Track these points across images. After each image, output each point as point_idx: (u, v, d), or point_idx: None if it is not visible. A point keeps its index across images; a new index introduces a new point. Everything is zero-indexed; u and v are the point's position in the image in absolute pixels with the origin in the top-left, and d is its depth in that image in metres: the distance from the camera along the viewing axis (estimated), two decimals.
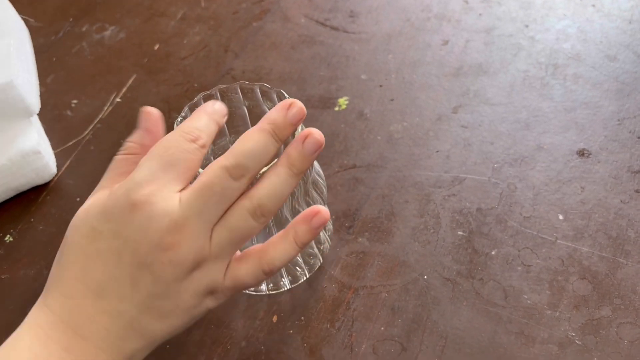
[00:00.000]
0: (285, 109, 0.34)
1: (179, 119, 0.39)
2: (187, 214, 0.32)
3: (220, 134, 0.43)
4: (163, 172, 0.32)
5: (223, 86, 0.41)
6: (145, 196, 0.32)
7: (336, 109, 0.57)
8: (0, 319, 0.46)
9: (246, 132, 0.34)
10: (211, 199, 0.32)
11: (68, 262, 0.33)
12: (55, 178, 0.55)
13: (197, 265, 0.33)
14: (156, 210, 0.32)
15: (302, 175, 0.35)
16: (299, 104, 0.34)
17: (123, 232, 0.32)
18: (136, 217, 0.32)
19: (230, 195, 0.33)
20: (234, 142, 0.41)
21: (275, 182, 0.34)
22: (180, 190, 0.33)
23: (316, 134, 0.34)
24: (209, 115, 0.36)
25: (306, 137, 0.34)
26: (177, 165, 0.33)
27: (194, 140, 0.33)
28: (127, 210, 0.32)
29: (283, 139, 0.34)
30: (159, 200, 0.32)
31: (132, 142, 0.38)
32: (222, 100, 0.42)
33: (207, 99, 0.40)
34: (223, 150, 0.44)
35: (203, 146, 0.34)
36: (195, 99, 0.40)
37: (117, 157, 0.37)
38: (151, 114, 0.38)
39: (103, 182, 0.37)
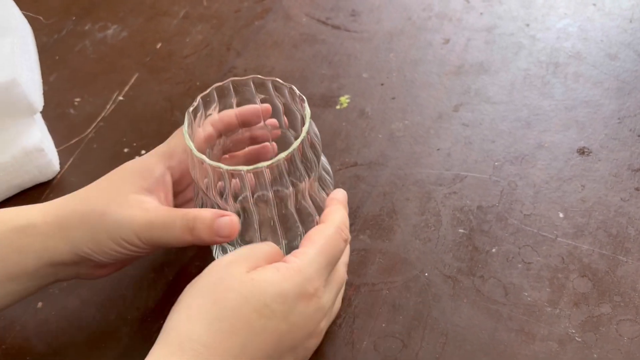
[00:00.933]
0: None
1: (191, 109, 0.40)
2: (329, 305, 0.38)
3: (233, 127, 0.43)
4: (326, 269, 0.37)
5: (236, 79, 0.41)
6: (316, 289, 0.36)
7: (338, 107, 0.57)
8: (3, 315, 0.46)
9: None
10: (340, 286, 0.40)
11: (227, 329, 0.33)
12: (58, 176, 0.55)
13: None
14: (320, 304, 0.36)
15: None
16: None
17: (292, 318, 0.35)
18: (307, 307, 0.36)
19: None
20: (244, 134, 0.44)
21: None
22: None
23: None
24: (345, 206, 0.41)
25: None
26: (334, 264, 0.38)
27: (346, 240, 0.38)
28: (301, 299, 0.35)
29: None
30: (323, 295, 0.37)
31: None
32: (235, 92, 0.42)
33: (204, 100, 0.41)
34: (235, 142, 0.45)
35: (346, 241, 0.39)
36: (195, 103, 0.40)
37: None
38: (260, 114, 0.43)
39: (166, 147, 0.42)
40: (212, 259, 0.43)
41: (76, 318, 0.46)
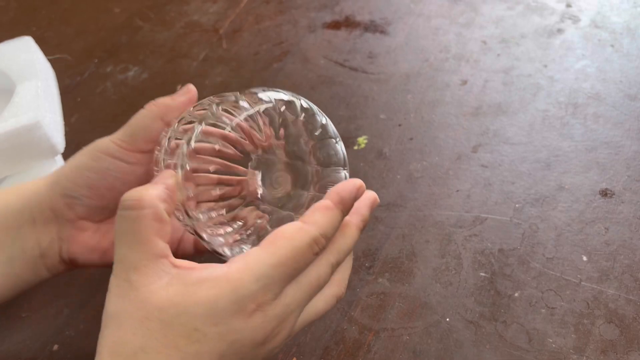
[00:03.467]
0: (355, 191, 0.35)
1: (168, 135, 0.38)
2: (292, 309, 0.32)
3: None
4: (279, 284, 0.31)
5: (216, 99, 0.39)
6: (258, 305, 0.31)
7: (355, 147, 0.57)
8: (19, 357, 0.46)
9: (345, 233, 0.35)
10: (314, 291, 0.33)
11: (154, 357, 0.29)
12: None
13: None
14: (269, 316, 0.31)
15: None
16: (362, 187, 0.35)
17: (231, 336, 0.30)
18: (248, 322, 0.31)
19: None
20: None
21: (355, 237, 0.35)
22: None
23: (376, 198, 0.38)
24: (344, 208, 0.34)
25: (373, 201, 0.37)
26: (294, 276, 0.32)
27: (317, 253, 0.32)
28: (238, 316, 0.30)
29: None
30: (272, 307, 0.31)
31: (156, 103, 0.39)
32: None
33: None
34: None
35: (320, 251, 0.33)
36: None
37: (142, 112, 0.39)
38: (190, 91, 0.40)
39: (117, 136, 0.39)
40: None
41: None
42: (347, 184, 0.34)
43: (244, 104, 0.35)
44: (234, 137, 0.35)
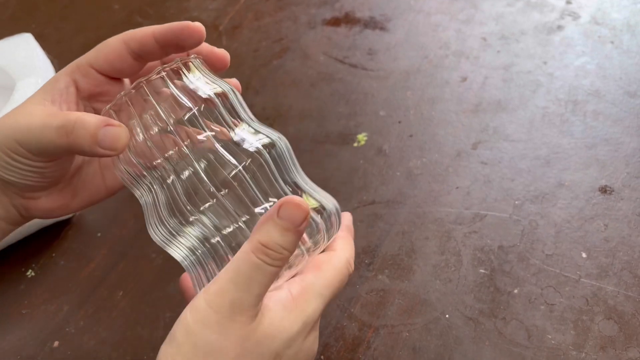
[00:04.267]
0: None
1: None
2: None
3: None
4: (327, 302, 0.36)
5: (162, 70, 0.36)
6: (315, 322, 0.35)
7: (355, 145, 0.58)
8: (20, 354, 0.46)
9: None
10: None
11: None
12: (77, 213, 0.55)
13: None
14: (318, 330, 0.36)
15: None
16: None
17: (299, 355, 0.34)
18: (307, 340, 0.35)
19: None
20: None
21: None
22: None
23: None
24: (352, 233, 0.40)
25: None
26: (339, 289, 0.36)
27: (350, 274, 0.37)
28: (303, 334, 0.34)
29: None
30: (319, 322, 0.36)
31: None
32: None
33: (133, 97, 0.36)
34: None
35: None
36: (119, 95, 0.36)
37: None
38: (196, 30, 0.37)
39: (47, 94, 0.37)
40: None
41: (92, 358, 0.45)
42: (347, 217, 0.40)
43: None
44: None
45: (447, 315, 0.45)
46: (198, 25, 0.37)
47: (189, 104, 0.35)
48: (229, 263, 0.32)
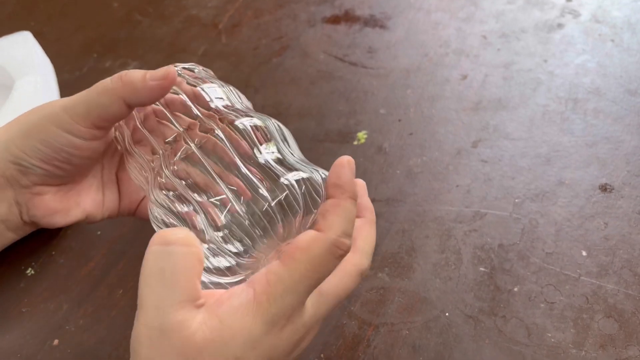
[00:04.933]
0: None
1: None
2: (317, 318, 0.32)
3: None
4: (305, 296, 0.31)
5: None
6: (288, 319, 0.31)
7: (355, 143, 0.57)
8: (19, 352, 0.46)
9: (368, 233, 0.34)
10: (341, 297, 0.33)
11: None
12: None
13: None
14: (296, 327, 0.31)
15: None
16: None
17: (268, 354, 0.31)
18: (282, 338, 0.31)
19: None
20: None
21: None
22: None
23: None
24: (352, 193, 0.32)
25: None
26: (317, 285, 0.31)
27: (342, 256, 0.31)
28: (272, 334, 0.30)
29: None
30: (300, 318, 0.31)
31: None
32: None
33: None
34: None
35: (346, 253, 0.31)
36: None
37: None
38: (167, 77, 0.36)
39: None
40: None
41: (92, 356, 0.45)
42: (338, 168, 0.33)
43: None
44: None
45: (447, 314, 0.45)
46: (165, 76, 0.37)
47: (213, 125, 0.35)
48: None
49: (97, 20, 0.76)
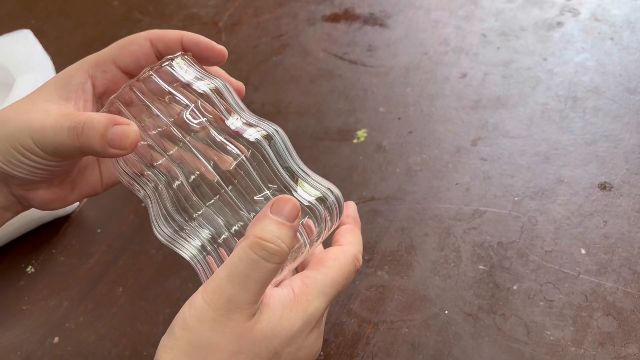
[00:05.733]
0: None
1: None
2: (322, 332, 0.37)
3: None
4: (332, 300, 0.36)
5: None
6: (318, 321, 0.35)
7: (355, 141, 0.58)
8: (20, 350, 0.46)
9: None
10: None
11: None
12: (77, 210, 0.55)
13: None
14: (321, 328, 0.36)
15: None
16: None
17: (298, 353, 0.34)
18: (309, 338, 0.35)
19: None
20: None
21: None
22: None
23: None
24: (359, 224, 0.41)
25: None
26: (345, 287, 0.37)
27: (359, 269, 0.37)
28: (305, 333, 0.34)
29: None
30: (323, 320, 0.36)
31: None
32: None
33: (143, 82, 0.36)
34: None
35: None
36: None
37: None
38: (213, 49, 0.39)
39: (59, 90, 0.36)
40: None
41: (92, 353, 0.45)
42: (352, 207, 0.41)
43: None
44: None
45: (446, 311, 0.45)
46: (223, 50, 0.39)
47: (185, 100, 0.35)
48: (227, 259, 0.32)
49: (97, 18, 0.76)
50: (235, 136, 0.35)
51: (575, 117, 0.56)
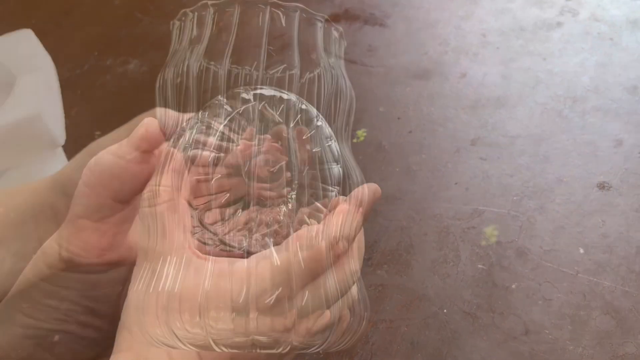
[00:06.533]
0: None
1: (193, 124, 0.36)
2: (305, 312, 0.33)
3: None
4: (298, 280, 0.32)
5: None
6: (277, 299, 0.32)
7: (354, 140, 0.58)
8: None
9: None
10: (331, 299, 0.33)
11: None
12: None
13: None
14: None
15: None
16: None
17: None
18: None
19: None
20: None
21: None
22: None
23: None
24: (361, 212, 0.34)
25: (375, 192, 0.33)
26: (314, 275, 0.32)
27: (339, 255, 0.32)
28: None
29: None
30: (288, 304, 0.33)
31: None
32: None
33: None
34: None
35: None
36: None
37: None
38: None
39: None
40: None
41: None
42: (366, 189, 0.34)
43: (226, 106, 0.35)
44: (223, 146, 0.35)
45: (445, 310, 0.45)
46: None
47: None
48: None
49: (98, 18, 0.76)
50: None
51: (575, 117, 0.57)
